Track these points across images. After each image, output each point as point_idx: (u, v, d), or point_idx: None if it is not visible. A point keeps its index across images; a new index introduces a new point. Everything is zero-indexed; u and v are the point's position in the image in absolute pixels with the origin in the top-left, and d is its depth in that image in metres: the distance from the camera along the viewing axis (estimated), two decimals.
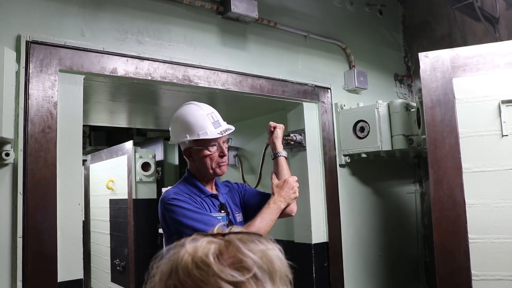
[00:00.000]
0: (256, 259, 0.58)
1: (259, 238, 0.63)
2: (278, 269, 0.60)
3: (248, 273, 0.57)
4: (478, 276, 2.22)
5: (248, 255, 0.58)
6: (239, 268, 0.57)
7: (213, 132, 1.80)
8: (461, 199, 2.28)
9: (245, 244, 0.60)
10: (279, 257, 0.62)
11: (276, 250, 0.62)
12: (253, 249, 0.60)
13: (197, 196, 1.82)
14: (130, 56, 2.21)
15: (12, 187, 1.82)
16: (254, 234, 0.64)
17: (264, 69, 2.76)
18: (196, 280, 0.56)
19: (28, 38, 1.89)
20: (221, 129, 1.83)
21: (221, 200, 1.90)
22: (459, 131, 2.32)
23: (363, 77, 3.27)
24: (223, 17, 2.60)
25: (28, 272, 1.78)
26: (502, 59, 2.30)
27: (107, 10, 2.19)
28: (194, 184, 1.86)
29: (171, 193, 1.78)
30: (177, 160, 5.44)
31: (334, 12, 3.32)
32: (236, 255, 0.59)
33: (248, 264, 0.58)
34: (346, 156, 3.10)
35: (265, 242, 0.62)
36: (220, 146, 1.84)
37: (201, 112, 1.83)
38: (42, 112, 1.90)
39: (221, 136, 1.82)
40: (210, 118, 1.82)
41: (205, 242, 0.60)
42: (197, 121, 1.81)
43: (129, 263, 4.47)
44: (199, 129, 1.80)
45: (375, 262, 3.28)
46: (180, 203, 1.73)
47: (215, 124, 1.82)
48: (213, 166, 1.84)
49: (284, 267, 0.62)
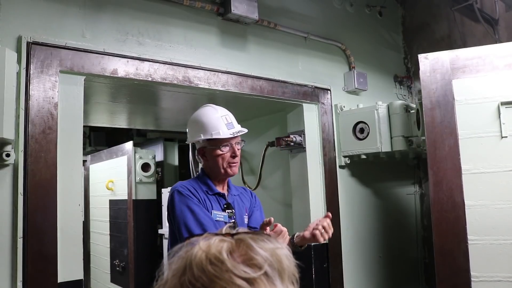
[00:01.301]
0: (267, 257, 0.60)
1: (268, 237, 0.65)
2: (286, 268, 0.62)
3: (260, 270, 0.58)
4: (477, 277, 2.23)
5: (259, 253, 0.60)
6: (251, 265, 0.59)
7: (225, 133, 1.87)
8: (460, 201, 2.28)
9: (255, 242, 0.62)
10: (287, 256, 0.63)
11: (285, 249, 0.64)
12: (264, 247, 0.61)
13: (203, 193, 1.88)
14: (130, 57, 2.21)
15: (12, 187, 1.82)
16: (262, 234, 0.65)
17: (264, 70, 2.77)
18: (210, 275, 0.58)
19: (29, 39, 1.90)
20: (234, 131, 1.90)
21: (228, 200, 1.94)
22: (458, 133, 2.33)
23: (363, 78, 3.27)
24: (223, 18, 2.61)
25: (28, 273, 1.78)
26: (501, 60, 2.31)
27: (108, 11, 2.20)
28: (204, 182, 1.93)
29: (178, 186, 1.88)
30: (177, 161, 5.44)
31: (334, 13, 3.32)
32: (247, 252, 0.60)
33: (259, 261, 0.59)
34: (346, 157, 3.11)
35: (274, 241, 0.64)
36: (233, 147, 1.91)
37: (216, 113, 1.91)
38: (43, 113, 1.90)
39: (233, 136, 1.89)
40: (224, 119, 1.90)
41: (217, 240, 0.62)
42: (211, 121, 1.89)
43: (128, 263, 4.47)
44: (213, 129, 1.88)
45: (374, 263, 3.28)
46: (182, 198, 1.81)
47: (228, 126, 1.89)
48: (224, 166, 1.90)
49: (292, 266, 0.64)
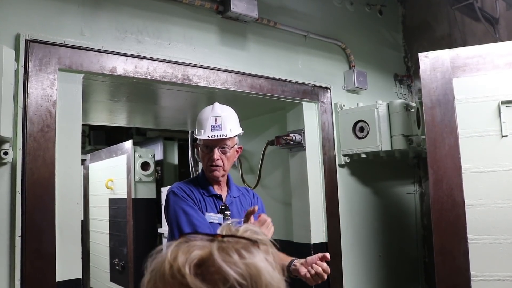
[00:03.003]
0: (233, 274, 0.57)
1: (251, 247, 0.62)
2: (266, 281, 0.59)
3: (224, 286, 0.56)
4: (477, 276, 2.22)
5: (226, 269, 0.57)
6: (217, 280, 0.57)
7: (204, 134, 1.83)
8: (460, 200, 2.28)
9: (227, 255, 0.59)
10: (268, 270, 0.60)
11: (265, 262, 0.61)
12: (235, 261, 0.58)
13: (199, 194, 1.86)
14: (129, 55, 2.20)
15: (10, 186, 1.81)
16: (250, 242, 0.62)
17: (263, 68, 2.76)
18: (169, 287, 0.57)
19: (27, 36, 1.88)
20: (213, 133, 1.81)
21: (226, 202, 1.90)
22: (458, 132, 2.32)
23: (363, 77, 3.26)
24: (222, 17, 2.60)
25: (27, 271, 1.77)
26: (502, 59, 2.30)
27: (107, 9, 2.19)
28: (202, 183, 1.90)
29: (174, 187, 1.87)
30: (176, 160, 5.44)
31: (334, 12, 3.31)
32: (215, 265, 0.58)
33: (228, 276, 0.57)
34: (345, 156, 3.10)
35: (255, 253, 0.61)
36: (212, 151, 1.83)
37: (209, 113, 1.87)
38: (41, 111, 1.89)
39: (206, 138, 1.81)
40: (213, 120, 1.83)
41: (190, 248, 0.60)
42: (201, 119, 1.88)
43: (128, 262, 4.47)
44: (199, 127, 1.87)
45: (374, 262, 3.27)
46: (176, 200, 1.80)
47: (214, 127, 1.81)
48: (206, 167, 1.87)
49: (275, 279, 0.61)
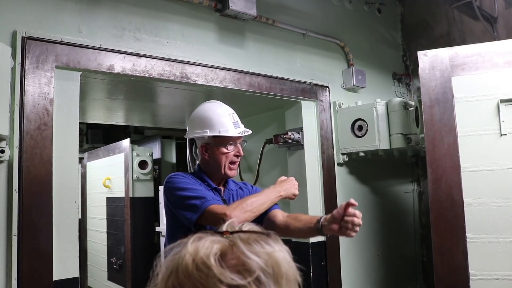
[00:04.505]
0: (260, 262, 0.57)
1: (267, 239, 0.61)
2: (285, 272, 0.59)
3: (250, 276, 0.55)
4: (476, 275, 2.22)
5: (251, 258, 0.57)
6: (241, 271, 0.56)
7: (233, 131, 1.84)
8: (459, 199, 2.28)
9: (250, 246, 0.58)
10: (287, 260, 0.60)
11: (284, 252, 0.61)
12: (258, 251, 0.58)
13: (202, 185, 1.85)
14: (127, 53, 2.19)
15: (7, 184, 1.80)
16: (262, 234, 0.62)
17: (262, 67, 2.75)
18: (195, 282, 0.55)
19: (24, 34, 1.87)
20: (240, 130, 1.88)
21: (224, 196, 1.90)
22: (457, 130, 2.31)
23: (362, 76, 3.26)
24: (221, 15, 2.59)
25: (23, 270, 1.76)
26: (501, 58, 2.29)
27: (104, 6, 2.17)
28: (201, 178, 1.89)
29: (178, 173, 1.86)
30: (174, 158, 5.43)
31: (332, 10, 3.30)
32: (239, 257, 0.57)
33: (251, 266, 0.56)
34: (344, 154, 3.09)
35: (272, 244, 0.61)
36: (238, 146, 1.89)
37: (223, 110, 1.88)
38: (38, 108, 1.87)
39: (240, 136, 1.87)
40: (231, 118, 1.87)
41: (208, 242, 0.59)
42: (219, 118, 1.85)
43: (126, 261, 4.46)
44: (221, 126, 1.83)
45: (372, 261, 3.27)
46: (180, 178, 1.80)
47: (235, 124, 1.86)
48: (226, 165, 1.87)
49: (292, 270, 0.61)
